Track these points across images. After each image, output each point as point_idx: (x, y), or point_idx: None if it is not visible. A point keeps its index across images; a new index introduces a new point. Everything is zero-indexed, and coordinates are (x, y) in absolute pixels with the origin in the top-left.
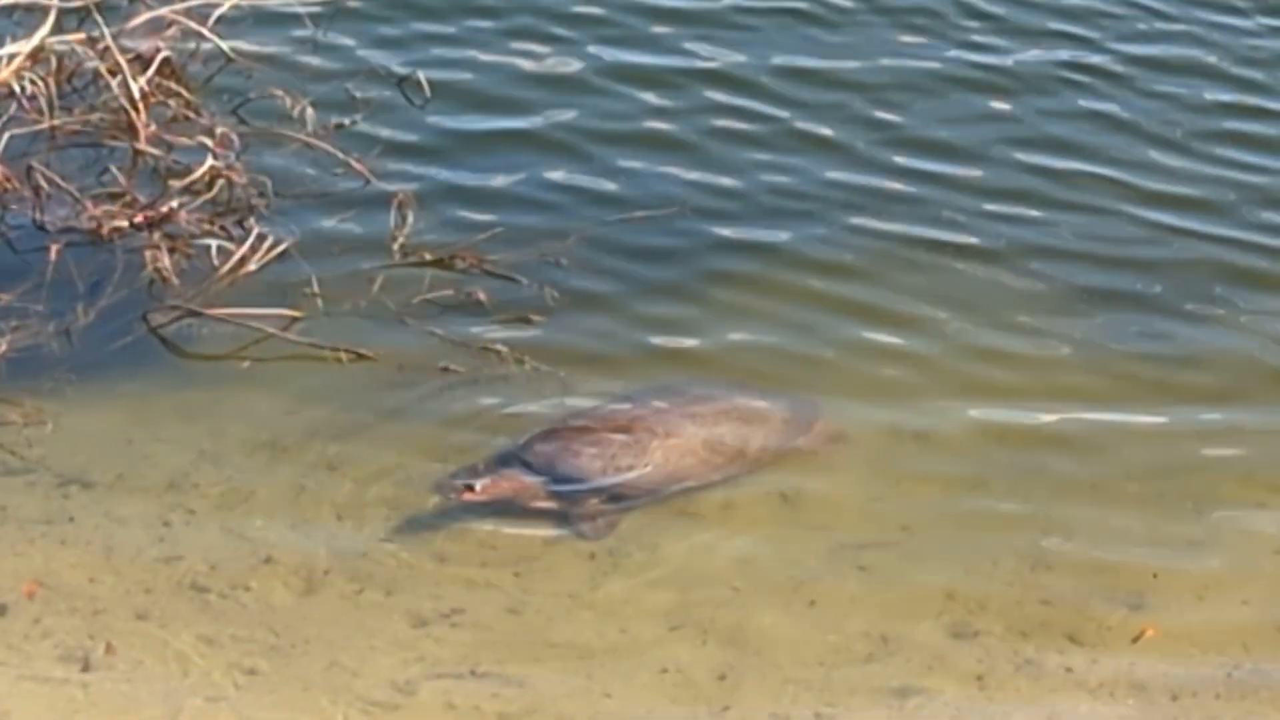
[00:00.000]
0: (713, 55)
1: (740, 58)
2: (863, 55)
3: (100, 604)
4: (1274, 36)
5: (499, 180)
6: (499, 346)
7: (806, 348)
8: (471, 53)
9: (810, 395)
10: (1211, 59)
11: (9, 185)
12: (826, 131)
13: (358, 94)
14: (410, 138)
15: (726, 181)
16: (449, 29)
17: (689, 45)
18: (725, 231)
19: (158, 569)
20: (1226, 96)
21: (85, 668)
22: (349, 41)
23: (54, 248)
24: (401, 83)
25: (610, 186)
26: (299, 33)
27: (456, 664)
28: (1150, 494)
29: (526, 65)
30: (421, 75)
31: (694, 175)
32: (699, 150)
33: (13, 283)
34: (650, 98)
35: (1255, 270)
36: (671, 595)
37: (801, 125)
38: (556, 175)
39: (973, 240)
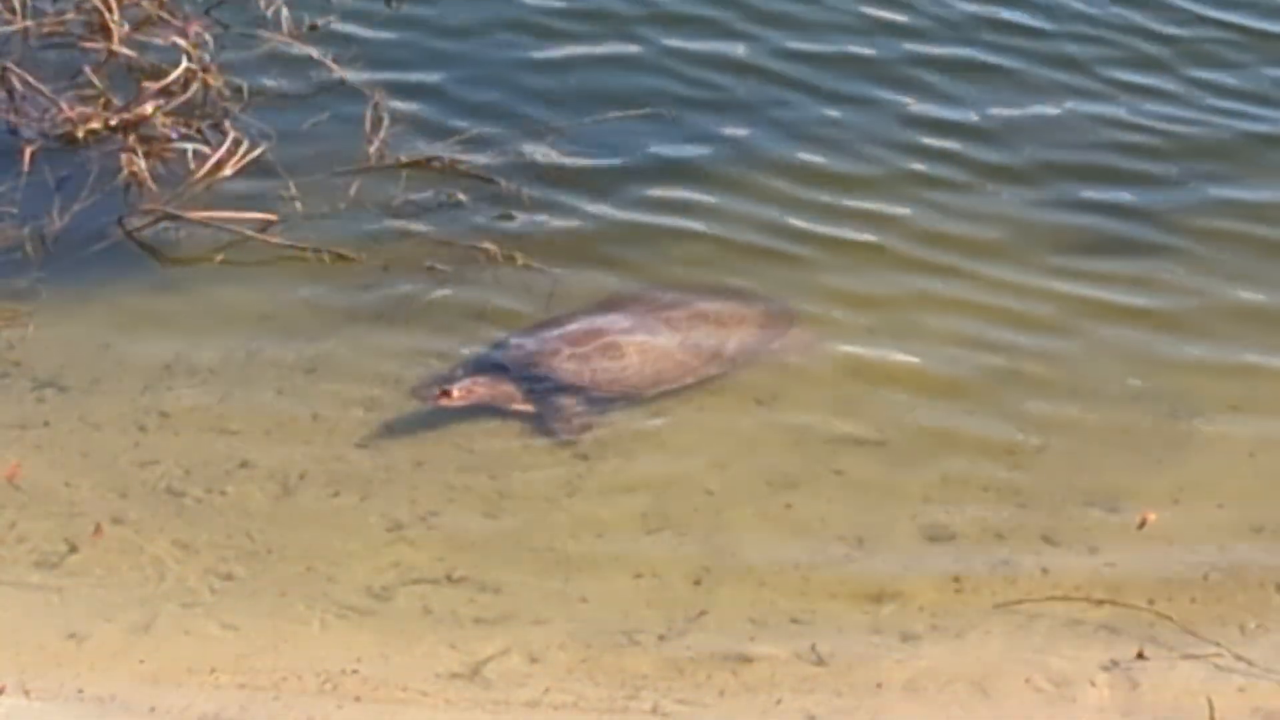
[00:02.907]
0: None
1: None
2: None
3: (76, 508)
4: None
5: (474, 81)
6: (483, 246)
7: (783, 249)
8: None
9: (786, 298)
10: None
11: None
12: (801, 32)
13: None
14: (385, 39)
15: (702, 79)
16: None
17: None
18: (702, 131)
19: (133, 473)
20: None
21: (61, 572)
22: None
23: (28, 150)
24: None
25: (586, 87)
26: None
27: (432, 568)
28: (1125, 397)
29: None
30: None
31: (668, 74)
32: (673, 48)
33: None
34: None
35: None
36: (647, 499)
37: (775, 26)
38: (533, 77)
39: (948, 141)
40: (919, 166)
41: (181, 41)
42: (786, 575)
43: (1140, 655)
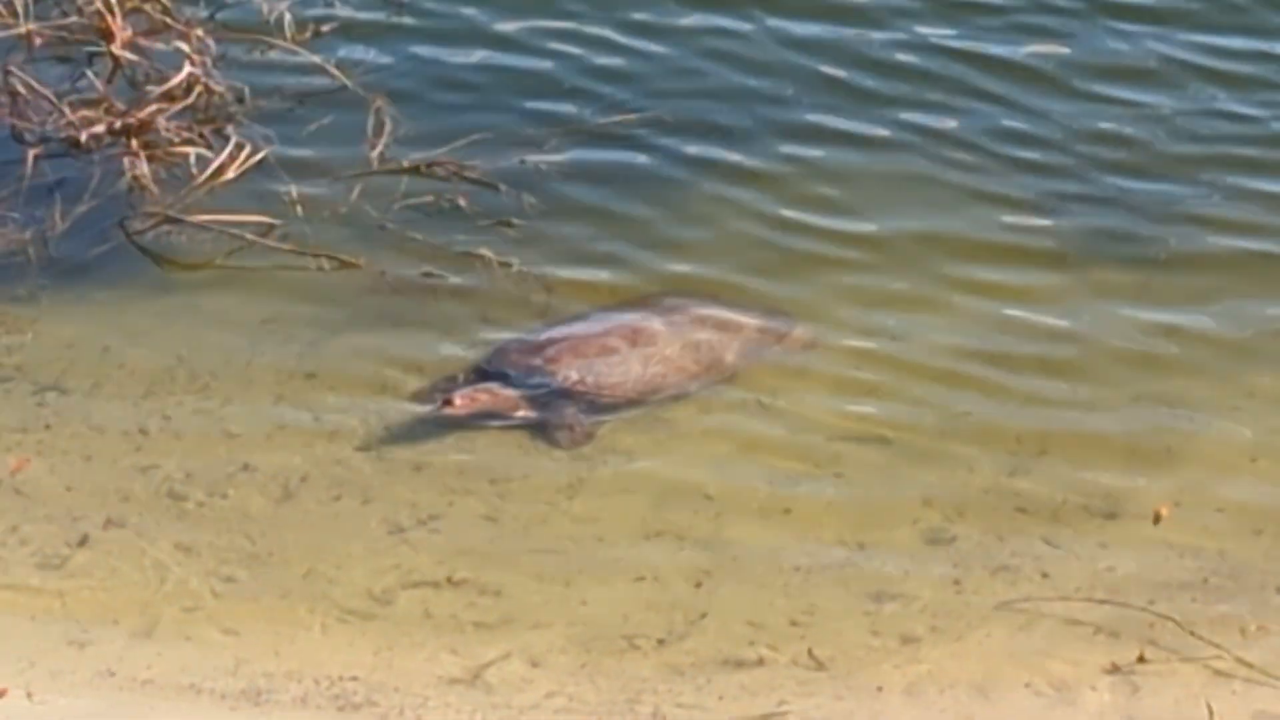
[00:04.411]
0: None
1: None
2: None
3: (77, 512)
4: None
5: (477, 86)
6: (483, 251)
7: (783, 254)
8: None
9: (786, 303)
10: None
11: None
12: (807, 37)
13: None
14: (387, 44)
15: (706, 85)
16: None
17: None
18: (704, 137)
19: (135, 476)
20: None
21: (62, 575)
22: None
23: (31, 154)
24: None
25: (589, 92)
26: None
27: (433, 572)
28: (1125, 398)
29: None
30: None
31: (672, 80)
32: (677, 55)
33: None
34: (627, 5)
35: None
36: (648, 503)
37: (782, 32)
38: (536, 82)
39: (952, 146)
40: (920, 173)
41: (184, 46)
42: (786, 578)
43: (1141, 659)
